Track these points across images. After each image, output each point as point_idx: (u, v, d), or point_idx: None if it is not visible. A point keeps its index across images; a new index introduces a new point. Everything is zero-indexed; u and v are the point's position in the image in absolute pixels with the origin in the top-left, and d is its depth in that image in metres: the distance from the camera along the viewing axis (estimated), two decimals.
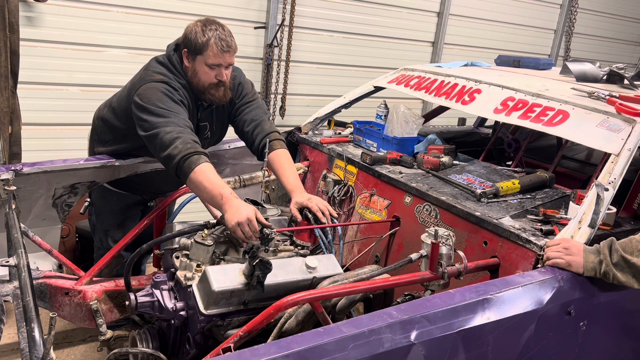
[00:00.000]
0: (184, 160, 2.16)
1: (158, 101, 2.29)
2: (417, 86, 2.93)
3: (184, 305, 1.96)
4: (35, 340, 1.40)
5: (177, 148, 2.18)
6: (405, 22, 5.00)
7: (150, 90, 2.32)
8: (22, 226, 2.20)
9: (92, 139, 2.78)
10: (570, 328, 1.77)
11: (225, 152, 2.98)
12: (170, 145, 2.19)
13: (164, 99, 2.31)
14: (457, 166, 2.62)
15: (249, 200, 2.28)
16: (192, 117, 2.48)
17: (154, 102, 2.29)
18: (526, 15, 5.77)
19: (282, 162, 2.52)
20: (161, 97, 2.30)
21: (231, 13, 4.10)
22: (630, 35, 6.87)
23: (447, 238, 1.81)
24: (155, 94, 2.31)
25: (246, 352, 1.27)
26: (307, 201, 2.34)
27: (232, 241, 2.15)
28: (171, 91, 2.34)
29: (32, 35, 3.44)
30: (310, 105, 4.53)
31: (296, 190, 2.42)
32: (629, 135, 2.04)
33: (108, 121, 2.61)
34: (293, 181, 2.46)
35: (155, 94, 2.31)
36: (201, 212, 2.85)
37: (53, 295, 2.35)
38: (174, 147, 2.18)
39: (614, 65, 2.80)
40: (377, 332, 1.37)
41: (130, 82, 2.50)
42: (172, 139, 2.20)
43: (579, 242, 1.81)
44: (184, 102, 2.39)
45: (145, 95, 2.31)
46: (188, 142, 2.20)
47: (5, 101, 3.25)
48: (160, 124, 2.24)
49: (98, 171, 2.60)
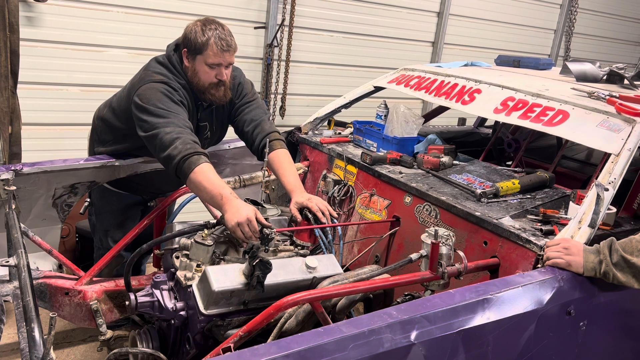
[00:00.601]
0: (184, 161, 2.16)
1: (158, 102, 2.29)
2: (417, 86, 2.93)
3: (184, 305, 1.96)
4: (35, 340, 1.40)
5: (176, 148, 2.18)
6: (405, 22, 5.00)
7: (150, 91, 2.32)
8: (22, 226, 2.20)
9: (92, 139, 2.78)
10: (570, 328, 1.77)
11: (225, 152, 2.98)
12: (170, 146, 2.19)
13: (164, 99, 2.30)
14: (457, 166, 2.62)
15: (249, 200, 2.28)
16: (192, 117, 2.48)
17: (154, 103, 2.29)
18: (526, 15, 5.77)
19: (282, 162, 2.52)
20: (161, 98, 2.30)
21: (231, 13, 4.10)
22: (630, 35, 6.87)
23: (447, 238, 1.81)
24: (155, 95, 2.31)
25: (246, 352, 1.27)
26: (307, 201, 2.34)
27: (232, 241, 2.15)
28: (171, 91, 2.34)
29: (32, 35, 3.44)
30: (310, 105, 4.53)
31: (296, 190, 2.42)
32: (629, 135, 2.04)
33: (108, 121, 2.61)
34: (293, 181, 2.46)
35: (155, 95, 2.31)
36: (201, 212, 2.85)
37: (53, 295, 2.35)
38: (174, 148, 2.18)
39: (614, 65, 2.80)
40: (377, 332, 1.37)
41: (130, 82, 2.49)
42: (172, 140, 2.20)
43: (578, 242, 1.81)
44: (183, 102, 2.38)
45: (145, 95, 2.31)
46: (188, 143, 2.20)
47: (5, 101, 3.25)
48: (160, 124, 2.24)
49: (98, 171, 2.60)
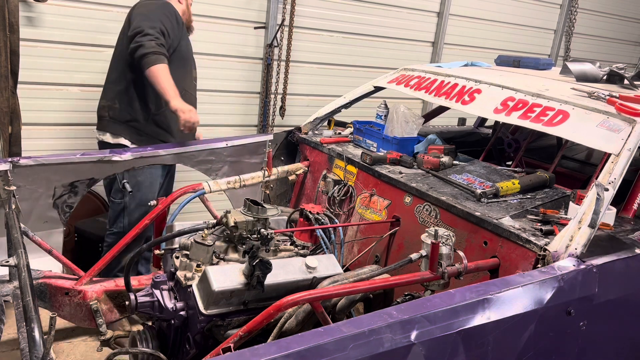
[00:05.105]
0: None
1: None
2: (417, 86, 2.93)
3: (184, 305, 1.96)
4: (35, 340, 1.40)
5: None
6: (405, 22, 5.00)
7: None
8: (22, 226, 2.20)
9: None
10: (570, 328, 1.77)
11: (223, 150, 2.98)
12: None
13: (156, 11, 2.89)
14: (457, 166, 2.62)
15: (249, 200, 2.28)
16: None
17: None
18: (526, 15, 5.77)
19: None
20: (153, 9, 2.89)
21: (231, 13, 4.10)
22: (630, 35, 6.87)
23: (447, 238, 1.81)
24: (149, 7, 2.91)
25: (246, 352, 1.27)
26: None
27: (232, 241, 2.15)
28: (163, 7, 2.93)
29: (32, 35, 3.44)
30: (310, 105, 4.53)
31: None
32: (629, 135, 2.04)
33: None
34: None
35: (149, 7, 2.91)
36: (201, 212, 2.85)
37: (53, 295, 2.35)
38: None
39: (614, 65, 2.80)
40: (377, 332, 1.37)
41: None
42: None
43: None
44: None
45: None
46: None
47: (5, 101, 3.25)
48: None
49: (96, 166, 2.61)
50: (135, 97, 3.02)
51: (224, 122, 4.31)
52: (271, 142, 3.08)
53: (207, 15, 3.96)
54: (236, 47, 4.21)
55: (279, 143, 3.15)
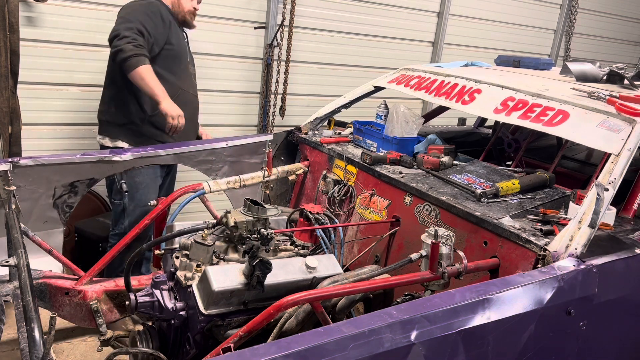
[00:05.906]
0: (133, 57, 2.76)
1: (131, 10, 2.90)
2: (417, 86, 2.93)
3: (184, 305, 1.96)
4: (35, 340, 1.40)
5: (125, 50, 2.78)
6: (405, 22, 5.00)
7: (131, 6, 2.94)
8: (22, 226, 2.20)
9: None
10: (570, 328, 1.77)
11: (223, 150, 2.98)
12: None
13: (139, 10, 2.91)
14: (457, 166, 2.62)
15: (249, 200, 2.28)
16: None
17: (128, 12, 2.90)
18: (526, 15, 5.77)
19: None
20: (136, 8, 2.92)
21: (231, 13, 4.10)
22: (630, 35, 6.87)
23: (447, 238, 1.81)
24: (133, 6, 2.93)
25: (246, 352, 1.27)
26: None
27: (232, 241, 2.15)
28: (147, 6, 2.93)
29: (32, 35, 3.44)
30: (310, 105, 4.53)
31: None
32: (629, 135, 2.04)
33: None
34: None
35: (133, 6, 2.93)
36: (201, 212, 2.85)
37: (53, 295, 2.35)
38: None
39: (614, 65, 2.80)
40: (377, 332, 1.37)
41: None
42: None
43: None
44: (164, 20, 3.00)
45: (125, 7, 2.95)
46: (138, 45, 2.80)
47: (5, 101, 3.25)
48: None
49: (95, 166, 2.61)
50: (129, 99, 3.02)
51: (224, 122, 4.31)
52: (271, 142, 3.08)
53: (207, 15, 3.95)
54: (236, 47, 4.22)
55: (279, 143, 3.15)
